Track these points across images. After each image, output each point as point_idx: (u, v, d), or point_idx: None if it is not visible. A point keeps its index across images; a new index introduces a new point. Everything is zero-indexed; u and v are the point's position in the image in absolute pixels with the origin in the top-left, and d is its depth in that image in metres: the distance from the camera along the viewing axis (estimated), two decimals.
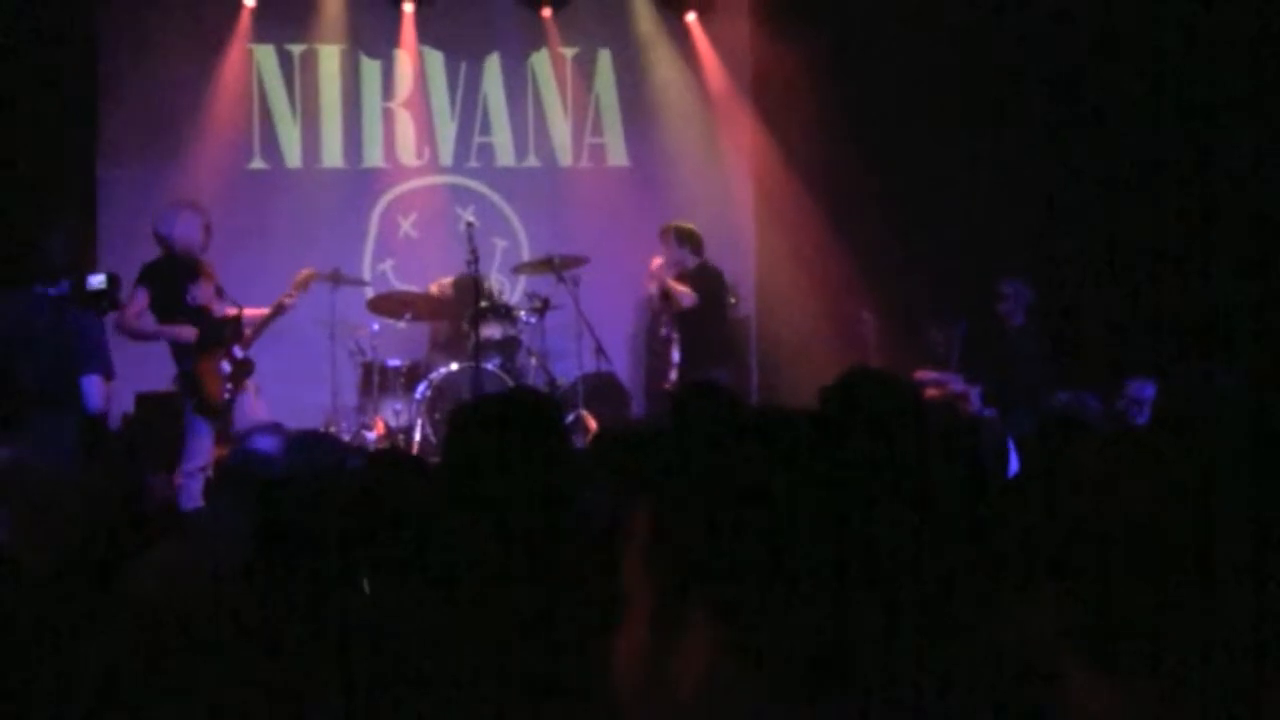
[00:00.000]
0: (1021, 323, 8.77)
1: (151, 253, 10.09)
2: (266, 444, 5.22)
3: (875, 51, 10.12)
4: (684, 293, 9.32)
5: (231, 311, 7.81)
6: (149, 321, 7.53)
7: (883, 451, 3.06)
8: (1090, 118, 8.93)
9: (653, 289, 9.59)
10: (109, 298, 6.68)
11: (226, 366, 7.65)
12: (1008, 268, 9.05)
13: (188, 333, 7.62)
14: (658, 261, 9.55)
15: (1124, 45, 8.63)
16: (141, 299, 7.52)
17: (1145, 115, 8.58)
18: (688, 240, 9.50)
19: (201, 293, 7.67)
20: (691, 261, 9.50)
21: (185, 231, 7.66)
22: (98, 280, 6.64)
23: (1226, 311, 7.99)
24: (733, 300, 10.88)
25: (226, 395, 7.62)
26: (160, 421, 9.10)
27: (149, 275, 7.60)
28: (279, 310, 8.17)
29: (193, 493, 7.17)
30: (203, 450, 7.44)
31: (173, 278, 7.61)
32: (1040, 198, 9.30)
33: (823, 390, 3.33)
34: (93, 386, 6.36)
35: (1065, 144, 9.15)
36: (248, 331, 7.90)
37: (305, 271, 8.54)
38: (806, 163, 10.90)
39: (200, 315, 7.64)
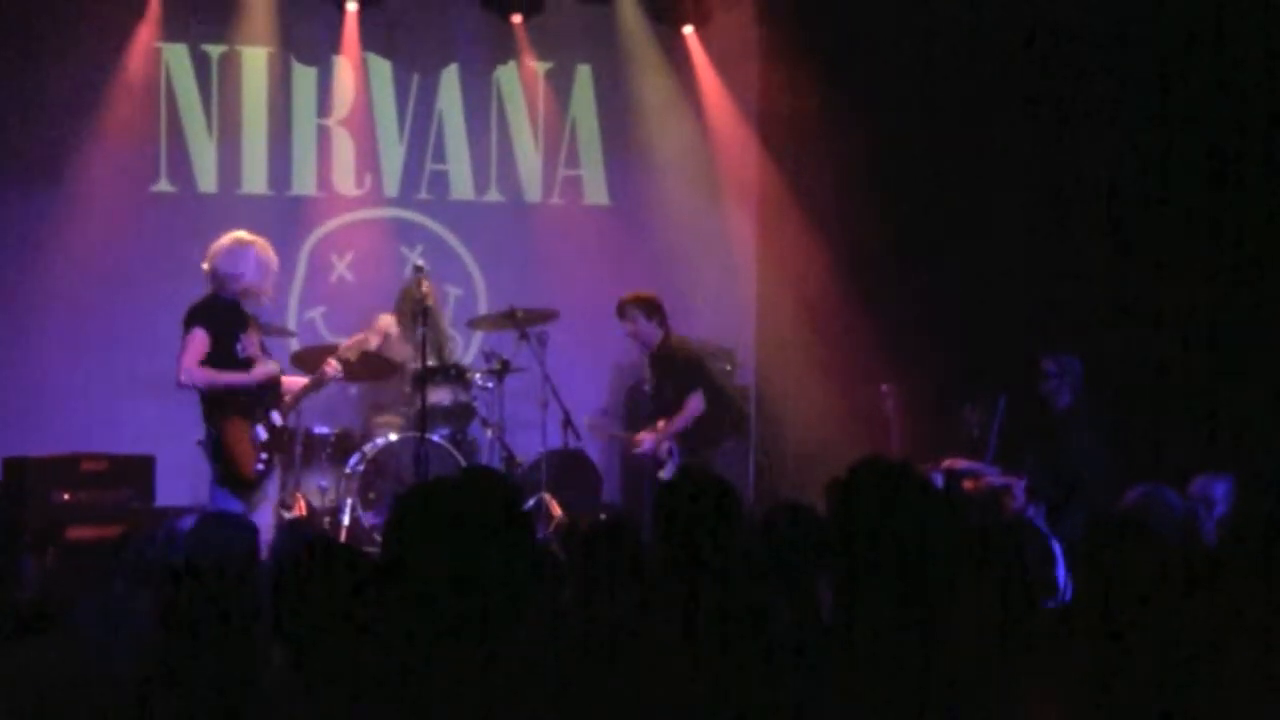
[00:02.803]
0: (1068, 405, 8.80)
1: (29, 286, 10.19)
2: (182, 523, 5.25)
3: (905, 78, 10.24)
4: (689, 415, 9.33)
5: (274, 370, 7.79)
6: (206, 371, 7.43)
7: (900, 570, 3.09)
8: (1160, 161, 9.06)
9: (662, 450, 9.49)
10: None
11: (262, 433, 7.58)
12: (1054, 338, 9.12)
13: (259, 373, 7.55)
14: (646, 440, 9.48)
15: (1193, 82, 8.80)
16: (202, 342, 7.46)
17: (1221, 163, 8.72)
18: (656, 311, 9.51)
19: (250, 344, 7.66)
20: (657, 335, 9.51)
21: (256, 271, 7.64)
22: None
23: None
24: (728, 367, 10.92)
25: (260, 467, 7.56)
26: (34, 491, 9.06)
27: (206, 315, 7.54)
28: (320, 382, 8.14)
29: None
30: None
31: (228, 322, 7.59)
32: (1096, 256, 9.39)
33: (828, 487, 3.36)
34: None
35: (1129, 192, 9.26)
36: (286, 397, 7.87)
37: (357, 337, 8.52)
38: (820, 207, 10.98)
39: (246, 370, 7.62)
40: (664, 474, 9.29)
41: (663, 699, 3.38)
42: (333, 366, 8.04)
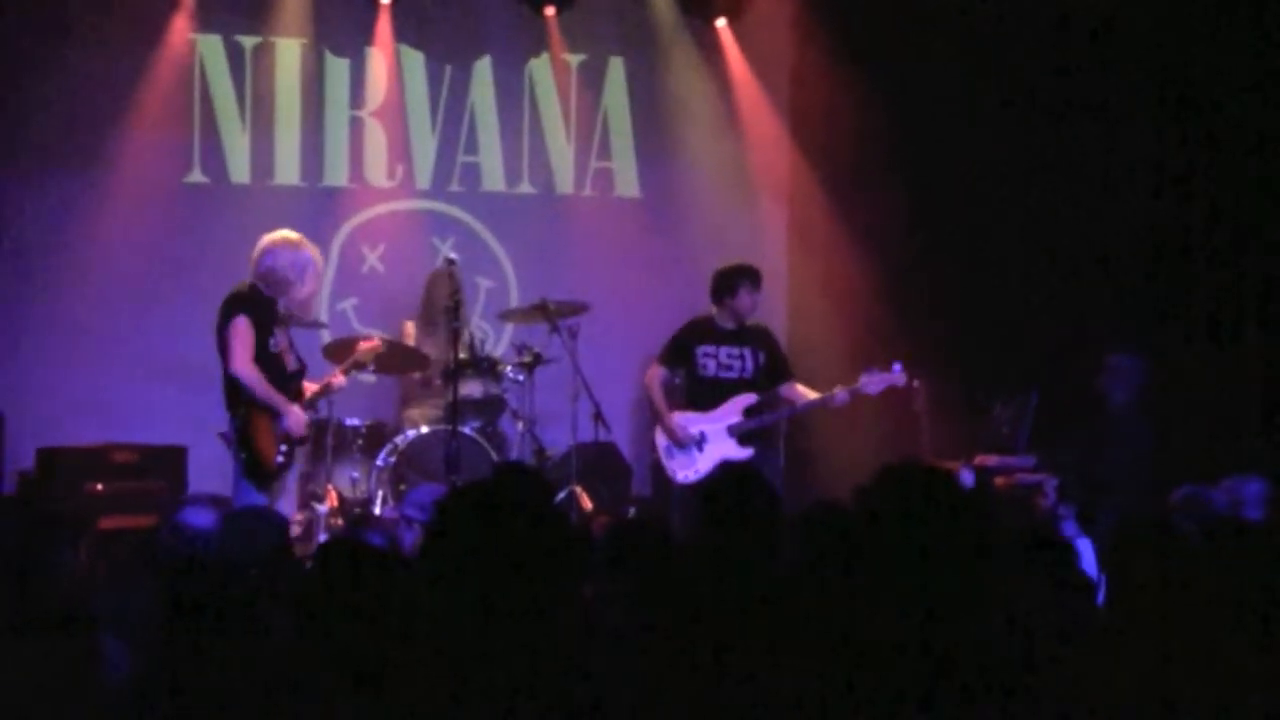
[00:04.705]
0: (1123, 403, 8.75)
1: (61, 275, 10.23)
2: (200, 518, 5.25)
3: (939, 72, 10.21)
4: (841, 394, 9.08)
5: (294, 365, 7.82)
6: (257, 374, 7.49)
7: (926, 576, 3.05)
8: (1198, 153, 9.03)
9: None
10: None
11: (284, 425, 7.65)
12: (1087, 334, 9.10)
13: (295, 420, 7.62)
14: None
15: (1236, 72, 8.76)
16: (248, 332, 7.51)
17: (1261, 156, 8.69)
18: None
19: (280, 340, 7.70)
20: None
21: (314, 279, 7.70)
22: None
23: None
24: None
25: (280, 459, 7.61)
26: (66, 482, 9.09)
27: (247, 305, 7.58)
28: (326, 391, 8.11)
29: None
30: None
31: (266, 315, 7.62)
32: (1132, 251, 9.37)
33: (858, 491, 3.30)
34: None
35: (1164, 186, 9.23)
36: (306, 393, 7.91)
37: (374, 343, 8.52)
38: (852, 201, 10.96)
39: (275, 365, 7.65)
40: (686, 475, 9.11)
41: (690, 697, 3.37)
42: (339, 380, 8.10)
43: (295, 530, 8.31)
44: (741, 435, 9.03)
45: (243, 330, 7.51)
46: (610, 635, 3.73)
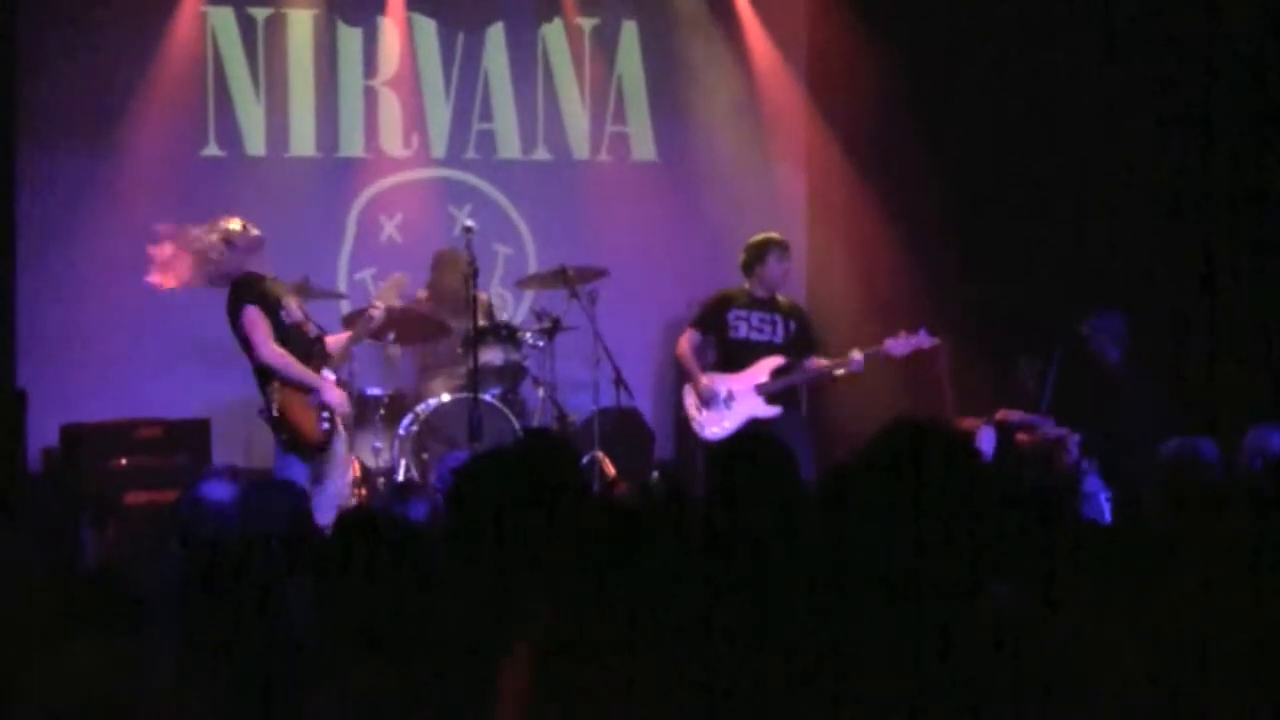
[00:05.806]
0: (1118, 361, 8.78)
1: (81, 252, 10.27)
2: (219, 491, 5.26)
3: (957, 30, 10.17)
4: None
5: (314, 331, 7.85)
6: (284, 355, 7.53)
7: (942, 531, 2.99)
8: (1218, 110, 8.98)
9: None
10: None
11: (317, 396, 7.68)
12: (1109, 288, 9.08)
13: (331, 393, 7.65)
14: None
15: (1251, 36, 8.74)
16: (261, 318, 7.55)
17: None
18: None
19: (292, 311, 7.73)
20: None
21: (231, 229, 7.75)
22: None
23: None
24: None
25: (325, 426, 7.63)
26: (91, 458, 9.13)
27: (249, 293, 7.62)
28: (367, 326, 8.15)
29: None
30: None
31: (268, 295, 7.66)
32: (1152, 204, 9.34)
33: (866, 445, 3.18)
34: None
35: (1186, 141, 9.19)
36: (333, 353, 7.93)
37: (395, 277, 8.55)
38: (870, 161, 10.94)
39: (299, 337, 7.70)
40: (714, 432, 9.15)
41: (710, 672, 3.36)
42: (378, 309, 8.09)
43: (353, 502, 8.34)
44: (769, 395, 9.11)
45: (255, 318, 7.54)
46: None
